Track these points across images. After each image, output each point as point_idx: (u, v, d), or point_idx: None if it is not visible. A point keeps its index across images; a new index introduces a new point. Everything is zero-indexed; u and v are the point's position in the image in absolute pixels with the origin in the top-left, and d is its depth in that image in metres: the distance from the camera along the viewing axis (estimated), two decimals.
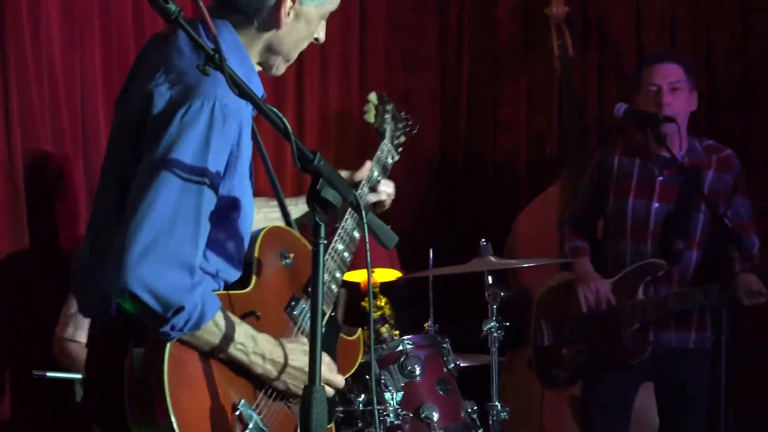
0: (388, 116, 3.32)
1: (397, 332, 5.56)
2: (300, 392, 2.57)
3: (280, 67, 2.76)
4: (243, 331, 2.49)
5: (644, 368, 4.75)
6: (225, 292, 2.56)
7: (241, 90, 2.31)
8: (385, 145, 3.31)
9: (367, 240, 2.41)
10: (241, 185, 2.54)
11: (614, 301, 4.72)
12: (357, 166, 6.04)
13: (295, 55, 2.78)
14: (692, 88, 4.80)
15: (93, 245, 2.55)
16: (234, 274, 2.60)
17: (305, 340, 2.64)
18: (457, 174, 6.46)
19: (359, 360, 3.00)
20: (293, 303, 2.72)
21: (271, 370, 2.55)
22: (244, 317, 2.54)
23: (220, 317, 2.43)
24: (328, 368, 2.69)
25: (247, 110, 2.51)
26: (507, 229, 5.90)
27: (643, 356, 4.67)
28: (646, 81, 4.77)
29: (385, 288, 5.86)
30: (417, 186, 6.38)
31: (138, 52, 2.72)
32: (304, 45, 2.76)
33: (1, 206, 4.46)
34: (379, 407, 3.78)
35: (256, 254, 2.64)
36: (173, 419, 2.32)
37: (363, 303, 5.69)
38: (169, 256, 2.31)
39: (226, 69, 2.26)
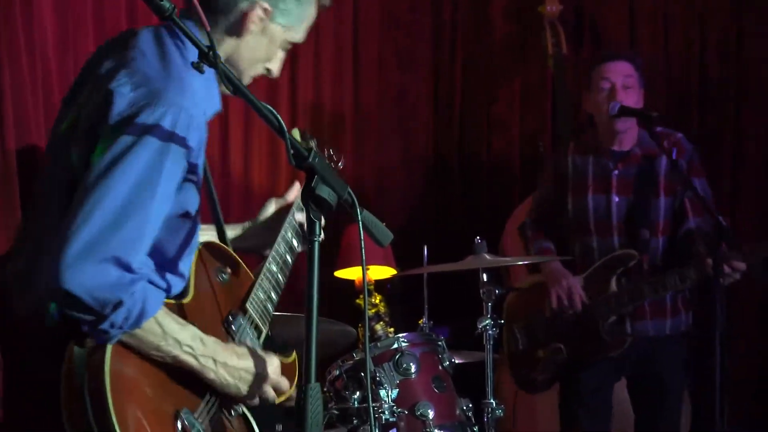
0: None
1: (391, 330, 5.57)
2: (250, 397, 2.60)
3: (245, 77, 2.73)
4: (190, 333, 2.45)
5: (622, 360, 4.76)
6: (173, 301, 2.53)
7: (235, 87, 2.32)
8: None
9: (362, 237, 2.41)
10: (193, 198, 2.53)
11: (586, 298, 4.74)
12: (353, 165, 6.08)
13: (247, 77, 2.73)
14: (642, 85, 4.84)
15: (36, 250, 2.48)
16: (179, 285, 2.57)
17: (247, 348, 2.62)
18: (451, 172, 6.46)
19: (294, 383, 2.90)
20: (230, 318, 2.69)
21: (224, 374, 2.52)
22: None
23: (164, 318, 2.39)
24: (275, 371, 2.65)
25: (204, 125, 2.49)
26: (501, 226, 5.91)
27: (623, 348, 4.70)
28: (598, 78, 4.80)
29: (380, 285, 5.87)
30: (411, 184, 6.39)
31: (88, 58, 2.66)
32: (258, 69, 2.73)
33: None
34: (374, 404, 3.78)
35: (193, 267, 2.62)
36: (116, 426, 2.26)
37: (358, 300, 5.70)
38: (109, 253, 2.26)
39: (221, 66, 2.27)
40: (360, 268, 5.64)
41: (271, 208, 3.13)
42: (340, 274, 5.77)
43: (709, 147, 6.04)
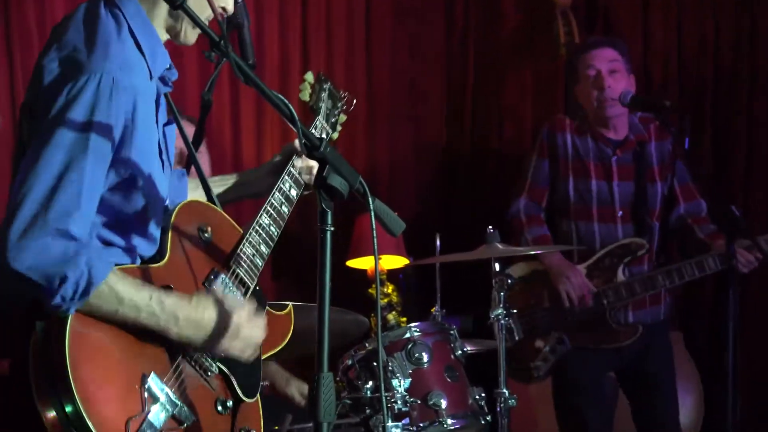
0: (324, 94, 3.26)
1: (404, 319, 5.58)
2: (216, 348, 2.54)
3: (188, 33, 2.69)
4: (148, 295, 2.43)
5: (619, 350, 4.75)
6: (137, 266, 2.53)
7: (246, 76, 2.31)
8: (319, 121, 3.22)
9: (374, 227, 2.40)
10: (143, 161, 2.51)
11: (593, 288, 4.70)
12: (365, 154, 6.07)
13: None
14: (629, 70, 4.82)
15: None
16: (149, 249, 2.57)
17: (216, 296, 2.57)
18: (463, 161, 6.45)
19: (289, 335, 2.94)
20: (212, 277, 2.67)
21: (185, 328, 2.48)
22: None
23: (117, 283, 2.38)
24: (243, 318, 2.58)
25: (146, 88, 2.52)
26: None
27: (635, 337, 4.69)
28: (584, 67, 4.79)
29: (392, 275, 5.87)
30: (423, 174, 6.38)
31: None
32: (208, 12, 2.63)
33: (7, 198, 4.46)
34: (386, 394, 3.78)
35: (169, 228, 2.61)
36: (76, 395, 2.26)
37: (370, 290, 5.70)
38: (49, 226, 2.29)
39: (232, 56, 2.26)
40: (371, 257, 5.66)
41: (285, 152, 3.09)
42: (352, 263, 5.77)
43: (723, 136, 6.04)
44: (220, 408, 2.61)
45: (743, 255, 4.51)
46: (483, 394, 4.03)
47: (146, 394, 2.41)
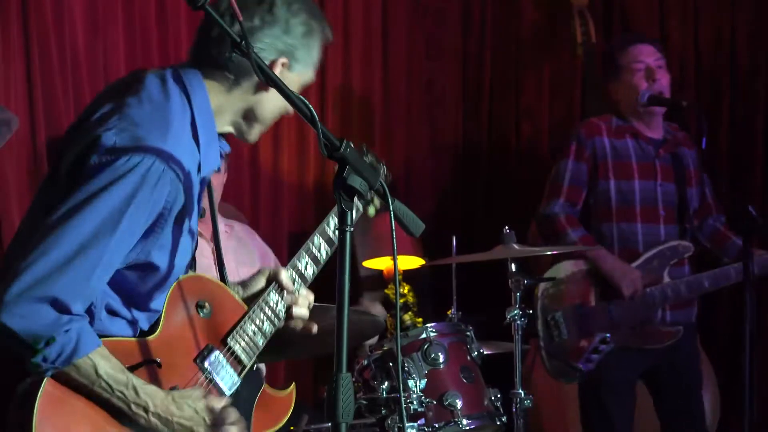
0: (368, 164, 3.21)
1: (420, 320, 5.58)
2: None
3: (255, 134, 2.74)
4: (125, 380, 2.42)
5: (651, 351, 4.73)
6: (129, 338, 2.53)
7: (267, 77, 2.31)
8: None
9: (393, 228, 2.40)
10: (166, 250, 2.53)
11: (642, 290, 4.70)
12: (381, 154, 6.07)
13: (267, 126, 2.75)
14: (667, 69, 4.81)
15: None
16: (147, 323, 2.59)
17: (198, 393, 2.56)
18: (480, 161, 6.44)
19: (285, 418, 2.91)
20: (205, 353, 2.65)
21: (156, 423, 2.47)
22: (141, 364, 2.49)
23: (100, 360, 2.38)
24: (225, 423, 2.57)
25: (192, 182, 2.50)
26: (530, 216, 5.89)
27: (677, 337, 4.68)
28: (630, 61, 4.76)
29: (408, 275, 5.87)
30: (440, 173, 6.38)
31: (120, 78, 2.71)
32: (278, 115, 2.74)
33: (26, 195, 4.48)
34: (402, 394, 3.78)
35: (165, 302, 2.60)
36: None
37: (387, 290, 5.69)
38: (50, 293, 2.30)
39: (253, 56, 2.26)
40: (388, 258, 5.66)
41: (261, 279, 2.96)
42: (369, 264, 5.76)
43: (740, 135, 6.02)
44: None
45: None
46: (499, 395, 4.03)
47: None
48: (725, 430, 5.57)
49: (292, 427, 3.99)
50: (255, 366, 2.79)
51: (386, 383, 3.87)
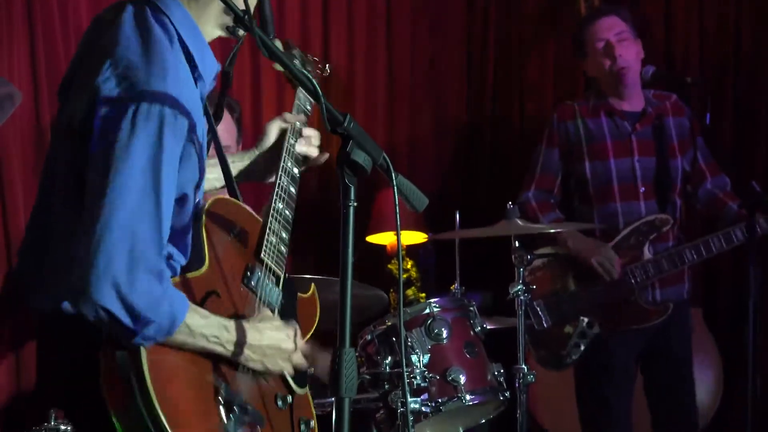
0: (297, 62, 3.26)
1: (423, 295, 5.58)
2: (278, 369, 2.64)
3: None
4: (216, 323, 2.48)
5: (642, 332, 4.71)
6: (181, 277, 2.54)
7: (270, 52, 2.31)
8: (300, 91, 3.20)
9: (397, 203, 2.40)
10: (193, 176, 2.52)
11: (620, 267, 4.67)
12: (385, 131, 6.06)
13: (220, 24, 2.65)
14: (636, 36, 4.79)
15: (42, 249, 2.50)
16: (183, 257, 2.57)
17: (269, 313, 2.66)
18: (483, 138, 6.44)
19: (318, 315, 3.00)
20: (248, 273, 2.70)
21: (250, 355, 2.55)
22: (205, 299, 2.53)
23: (190, 318, 2.41)
24: (297, 340, 2.67)
25: (198, 101, 2.49)
26: None
27: (666, 315, 4.65)
28: (591, 39, 4.78)
29: (412, 251, 5.87)
30: (444, 150, 6.38)
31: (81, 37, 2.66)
32: (227, 20, 2.63)
33: (31, 178, 4.48)
34: (406, 370, 3.78)
35: (203, 233, 2.62)
36: (162, 417, 2.32)
37: (390, 266, 5.71)
38: (137, 264, 2.28)
39: (257, 31, 2.27)
40: (391, 233, 5.66)
41: (273, 133, 3.06)
42: (372, 239, 5.77)
43: (744, 114, 6.00)
44: (280, 403, 2.69)
45: None
46: (502, 371, 4.04)
47: (222, 408, 2.47)
48: (728, 406, 5.58)
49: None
50: (287, 274, 2.84)
51: (389, 358, 3.87)
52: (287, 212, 2.89)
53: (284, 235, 2.85)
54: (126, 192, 2.30)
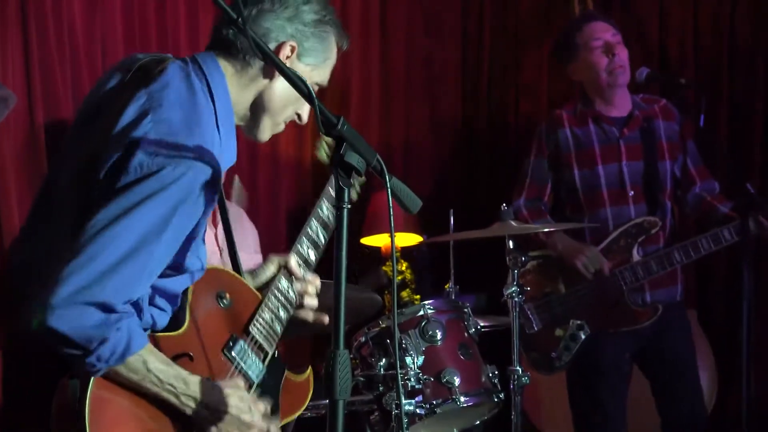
0: None
1: (417, 297, 5.58)
2: None
3: (265, 130, 2.72)
4: (173, 373, 2.46)
5: (637, 333, 4.70)
6: (155, 333, 2.53)
7: (265, 54, 2.31)
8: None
9: (390, 205, 2.40)
10: (196, 248, 2.54)
11: (608, 268, 4.66)
12: (380, 131, 6.05)
13: (280, 122, 2.72)
14: (624, 44, 4.80)
15: (31, 263, 2.50)
16: (165, 321, 2.58)
17: (242, 383, 2.63)
18: (479, 138, 6.45)
19: (306, 402, 2.95)
20: (231, 343, 2.69)
21: (206, 415, 2.51)
22: (176, 358, 2.51)
23: (148, 356, 2.40)
24: (259, 417, 2.63)
25: (219, 179, 2.49)
26: None
27: (656, 317, 4.64)
28: (587, 39, 4.74)
29: (406, 252, 5.87)
30: (439, 150, 6.38)
31: (110, 67, 2.66)
32: (289, 113, 2.72)
33: (24, 179, 4.47)
34: (400, 371, 3.78)
35: (189, 296, 2.62)
36: None
37: (384, 267, 5.70)
38: (99, 298, 2.28)
39: (250, 33, 2.26)
40: (386, 235, 5.66)
41: (271, 267, 3.01)
42: (366, 241, 5.77)
43: (739, 113, 6.01)
44: None
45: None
46: (496, 372, 4.04)
47: None
48: (723, 407, 5.58)
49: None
50: (276, 353, 2.82)
51: (384, 360, 3.88)
52: (291, 292, 2.90)
53: (282, 314, 2.85)
54: (127, 236, 2.32)
